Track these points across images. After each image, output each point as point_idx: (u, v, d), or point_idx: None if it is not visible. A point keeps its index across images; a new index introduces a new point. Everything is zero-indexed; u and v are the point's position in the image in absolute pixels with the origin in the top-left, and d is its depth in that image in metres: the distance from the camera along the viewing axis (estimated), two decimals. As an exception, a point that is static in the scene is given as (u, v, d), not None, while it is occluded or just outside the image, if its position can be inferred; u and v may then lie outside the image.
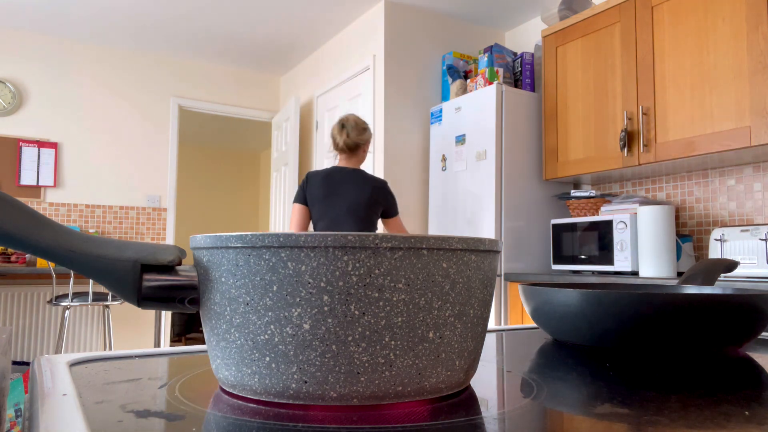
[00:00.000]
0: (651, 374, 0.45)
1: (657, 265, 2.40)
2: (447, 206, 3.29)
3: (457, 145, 3.24)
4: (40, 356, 0.49)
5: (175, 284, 0.37)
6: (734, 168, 2.63)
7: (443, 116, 3.38)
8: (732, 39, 2.28)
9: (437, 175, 3.38)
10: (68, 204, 4.45)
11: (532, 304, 0.63)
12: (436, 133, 3.43)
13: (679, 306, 0.53)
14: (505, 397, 0.38)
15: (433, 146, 3.45)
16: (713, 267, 0.77)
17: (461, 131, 3.23)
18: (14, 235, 0.34)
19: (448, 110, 3.34)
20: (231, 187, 8.19)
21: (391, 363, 0.34)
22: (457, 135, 3.25)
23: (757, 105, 2.19)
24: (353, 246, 0.33)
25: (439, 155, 3.38)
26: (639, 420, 0.32)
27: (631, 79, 2.65)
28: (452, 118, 3.31)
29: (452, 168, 3.26)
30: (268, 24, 4.11)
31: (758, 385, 0.42)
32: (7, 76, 4.30)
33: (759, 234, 2.20)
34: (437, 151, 3.40)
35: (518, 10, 3.71)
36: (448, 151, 3.31)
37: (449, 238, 0.35)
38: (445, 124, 3.35)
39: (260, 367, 0.35)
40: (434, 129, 3.45)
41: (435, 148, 3.43)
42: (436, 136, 3.43)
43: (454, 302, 0.36)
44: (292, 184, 4.36)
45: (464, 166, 3.18)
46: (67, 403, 0.34)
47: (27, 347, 4.25)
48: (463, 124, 3.22)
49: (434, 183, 3.41)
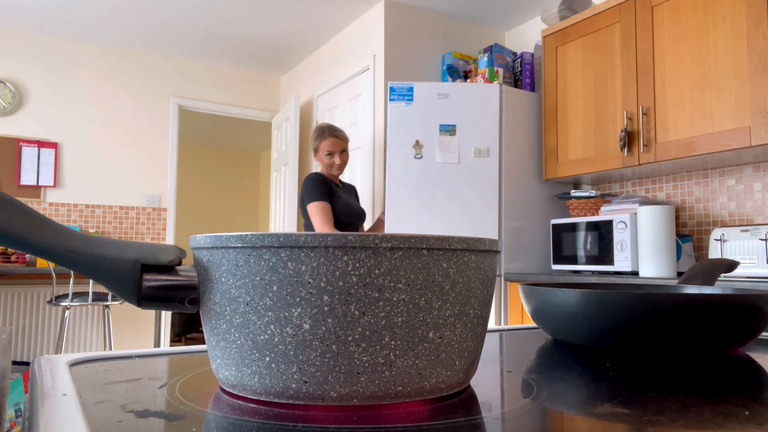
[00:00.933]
0: (651, 374, 0.45)
1: (657, 265, 2.40)
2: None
3: (442, 134, 2.97)
4: (40, 356, 0.49)
5: (175, 284, 0.37)
6: (734, 168, 2.63)
7: (415, 96, 3.00)
8: (732, 39, 2.28)
9: (408, 162, 2.98)
10: (68, 204, 4.45)
11: (532, 304, 0.63)
12: (400, 113, 2.99)
13: (679, 306, 0.53)
14: (505, 397, 0.38)
15: (396, 127, 2.99)
16: (713, 267, 0.77)
17: (450, 120, 3.00)
18: (14, 235, 0.34)
19: (424, 92, 3.00)
20: (231, 187, 8.20)
21: (391, 363, 0.34)
22: (443, 123, 2.98)
23: (757, 105, 2.19)
24: (353, 246, 0.33)
25: (408, 139, 2.99)
26: (639, 420, 0.32)
27: (631, 79, 2.65)
28: (432, 103, 3.00)
29: (432, 157, 3.02)
30: (268, 24, 4.11)
31: (758, 385, 0.42)
32: (7, 76, 4.30)
33: (759, 234, 2.20)
34: (407, 135, 2.99)
35: (518, 10, 3.71)
36: (426, 139, 2.99)
37: (449, 238, 0.35)
38: (419, 106, 3.00)
39: (260, 367, 0.35)
40: (396, 107, 2.99)
41: (400, 130, 2.99)
42: (401, 115, 2.99)
43: (454, 302, 0.36)
44: (292, 184, 4.36)
45: (456, 159, 2.99)
46: (67, 403, 0.34)
47: (27, 347, 4.25)
48: (453, 114, 3.00)
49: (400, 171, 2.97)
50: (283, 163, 4.63)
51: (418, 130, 3.02)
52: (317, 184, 2.75)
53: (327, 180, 2.81)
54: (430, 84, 3.02)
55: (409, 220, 2.97)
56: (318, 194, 2.73)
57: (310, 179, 2.78)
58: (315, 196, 2.73)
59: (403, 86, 3.02)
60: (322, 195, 2.73)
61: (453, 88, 3.03)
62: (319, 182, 2.76)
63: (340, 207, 2.79)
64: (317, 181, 2.76)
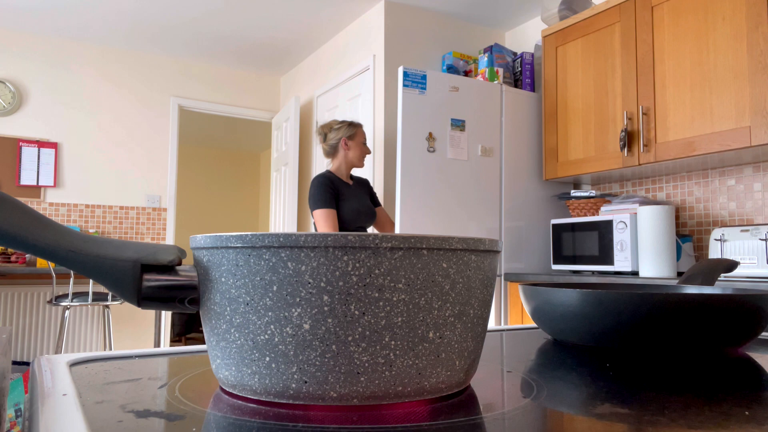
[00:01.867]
0: (651, 374, 0.45)
1: (657, 265, 2.40)
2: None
3: (453, 129, 2.89)
4: (40, 356, 0.49)
5: (175, 284, 0.37)
6: (734, 168, 2.63)
7: (428, 85, 2.86)
8: (732, 39, 2.28)
9: (422, 156, 2.81)
10: (68, 204, 4.45)
11: (532, 304, 0.63)
12: (413, 101, 2.80)
13: (679, 306, 0.53)
14: (505, 397, 0.38)
15: (409, 117, 2.79)
16: (713, 267, 0.77)
17: (461, 116, 2.92)
18: (14, 235, 0.34)
19: (437, 82, 2.88)
20: (231, 187, 8.19)
21: (391, 363, 0.34)
22: (455, 118, 2.91)
23: (757, 105, 2.19)
24: (353, 246, 0.33)
25: (422, 131, 2.82)
26: (639, 420, 0.32)
27: (631, 79, 2.65)
28: (444, 95, 2.89)
29: (444, 152, 2.87)
30: (268, 24, 4.11)
31: (758, 385, 0.42)
32: (7, 76, 4.30)
33: (759, 234, 2.20)
34: (420, 126, 2.82)
35: (518, 10, 3.71)
36: (439, 131, 2.87)
37: (449, 239, 0.35)
38: (432, 96, 2.87)
39: (260, 367, 0.35)
40: (410, 95, 2.80)
41: (413, 121, 2.80)
42: (414, 104, 2.80)
43: (454, 302, 0.36)
44: (292, 184, 4.37)
45: (466, 156, 2.91)
46: (67, 403, 0.34)
47: (27, 347, 4.25)
48: (463, 109, 2.93)
49: (414, 165, 2.79)
50: (283, 163, 4.63)
51: (430, 122, 2.85)
52: (324, 190, 2.72)
53: (335, 181, 2.77)
54: (442, 74, 2.90)
55: (422, 215, 2.86)
56: (323, 201, 2.70)
57: (316, 184, 2.75)
58: (320, 203, 2.71)
59: (417, 73, 2.83)
60: (328, 201, 2.71)
61: (463, 82, 2.94)
62: (326, 187, 2.73)
63: (347, 210, 2.76)
64: (324, 186, 2.73)
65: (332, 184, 2.75)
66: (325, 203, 2.70)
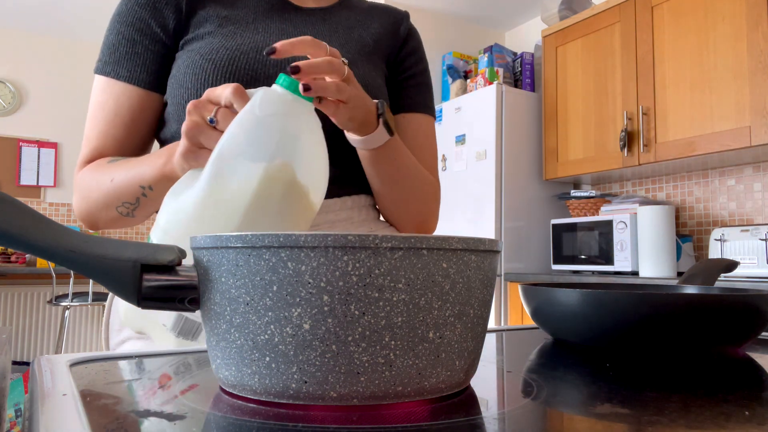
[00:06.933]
0: (651, 374, 0.45)
1: (657, 265, 2.40)
2: (446, 206, 3.28)
3: (457, 145, 3.22)
4: (40, 356, 0.49)
5: (175, 284, 0.37)
6: (734, 168, 2.63)
7: (443, 116, 3.35)
8: (732, 39, 2.28)
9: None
10: (68, 204, 4.44)
11: (532, 304, 0.63)
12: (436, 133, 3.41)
13: (679, 306, 0.53)
14: (505, 397, 0.38)
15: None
16: (713, 267, 0.77)
17: (461, 131, 3.22)
18: (14, 235, 0.34)
19: (448, 110, 3.32)
20: (231, 187, 8.19)
21: (391, 363, 0.34)
22: (457, 135, 3.23)
23: (757, 105, 2.19)
24: (353, 246, 0.33)
25: (439, 155, 3.37)
26: (639, 420, 0.32)
27: (631, 79, 2.65)
28: (452, 117, 3.29)
29: (452, 168, 3.25)
30: (268, 24, 4.11)
31: (758, 385, 0.42)
32: (7, 76, 4.30)
33: (759, 234, 2.20)
34: (438, 151, 3.40)
35: (518, 10, 3.71)
36: (448, 152, 3.29)
37: (449, 238, 0.35)
38: (445, 123, 3.33)
39: (260, 367, 0.35)
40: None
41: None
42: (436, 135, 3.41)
43: (454, 302, 0.36)
44: (292, 184, 4.37)
45: (464, 166, 3.17)
46: (67, 403, 0.34)
47: (27, 347, 4.25)
48: (463, 124, 3.20)
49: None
50: (283, 163, 4.63)
51: (442, 146, 3.33)
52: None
53: None
54: (449, 102, 3.32)
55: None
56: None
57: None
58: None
59: (436, 109, 3.37)
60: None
61: (463, 101, 3.24)
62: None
63: None
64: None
65: None
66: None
